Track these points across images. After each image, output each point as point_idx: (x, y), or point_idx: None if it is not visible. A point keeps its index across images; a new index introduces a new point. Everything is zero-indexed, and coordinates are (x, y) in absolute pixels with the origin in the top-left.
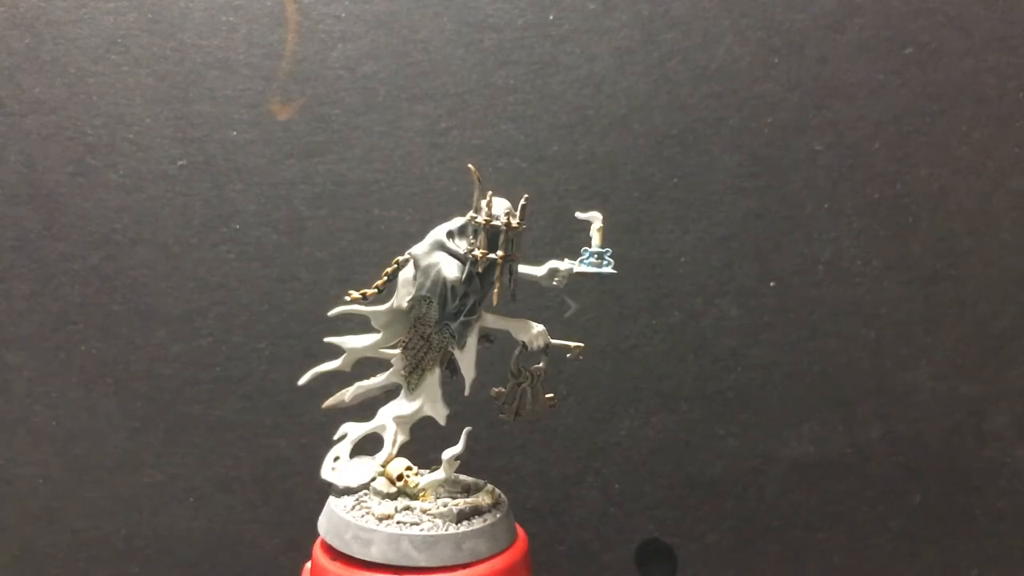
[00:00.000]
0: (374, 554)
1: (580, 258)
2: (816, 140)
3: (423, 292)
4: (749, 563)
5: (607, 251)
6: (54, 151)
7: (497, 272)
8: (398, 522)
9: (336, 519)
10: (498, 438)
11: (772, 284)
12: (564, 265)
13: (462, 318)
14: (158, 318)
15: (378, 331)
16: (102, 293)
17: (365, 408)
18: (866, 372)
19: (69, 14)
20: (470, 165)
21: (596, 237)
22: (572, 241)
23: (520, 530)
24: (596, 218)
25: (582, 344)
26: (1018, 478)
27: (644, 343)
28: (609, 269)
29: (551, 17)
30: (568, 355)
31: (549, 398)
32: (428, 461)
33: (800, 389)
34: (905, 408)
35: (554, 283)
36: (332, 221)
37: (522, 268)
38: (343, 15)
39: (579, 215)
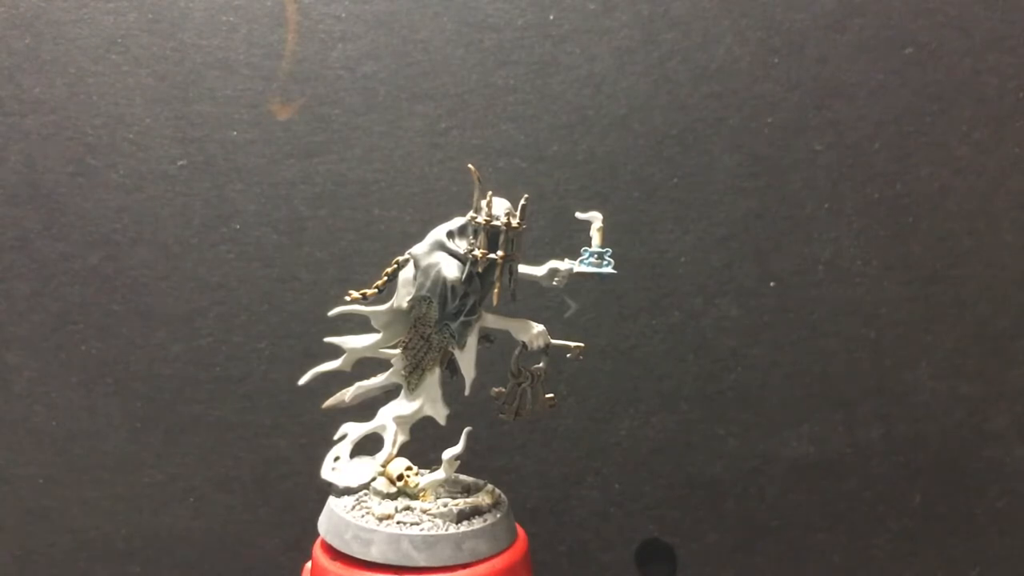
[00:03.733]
0: (374, 554)
1: (580, 258)
2: (816, 140)
3: (423, 292)
4: (749, 563)
5: (607, 251)
6: (54, 151)
7: (497, 272)
8: (398, 522)
9: (336, 519)
10: (498, 438)
11: (772, 284)
12: (564, 265)
13: (462, 318)
14: (158, 318)
15: (378, 331)
16: (102, 293)
17: (365, 408)
18: (866, 372)
19: (69, 14)
20: (470, 165)
21: (596, 237)
22: (572, 241)
23: (520, 530)
24: (596, 218)
25: (582, 344)
26: (1018, 478)
27: (644, 343)
28: (609, 269)
29: (551, 17)
30: (568, 355)
31: (549, 398)
32: (428, 461)
33: (800, 389)
34: (905, 408)
35: (554, 283)
36: (332, 221)
37: (522, 268)
38: (343, 15)
39: (579, 215)
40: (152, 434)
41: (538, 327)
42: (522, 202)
